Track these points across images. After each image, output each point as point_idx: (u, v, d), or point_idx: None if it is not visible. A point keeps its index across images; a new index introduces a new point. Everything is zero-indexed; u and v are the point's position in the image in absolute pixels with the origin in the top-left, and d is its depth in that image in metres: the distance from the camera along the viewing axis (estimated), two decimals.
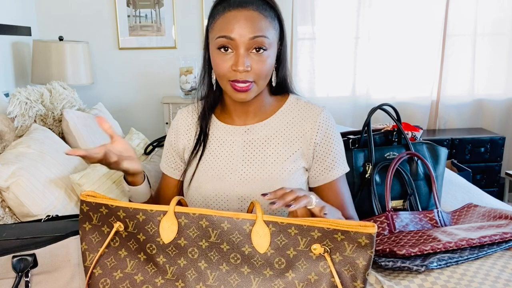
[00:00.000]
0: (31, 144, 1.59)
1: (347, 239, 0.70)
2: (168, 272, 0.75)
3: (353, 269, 0.70)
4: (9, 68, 2.50)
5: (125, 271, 0.77)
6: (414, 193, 1.49)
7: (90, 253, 0.80)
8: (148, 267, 0.76)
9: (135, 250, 0.78)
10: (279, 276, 0.72)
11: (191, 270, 0.74)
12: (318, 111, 1.06)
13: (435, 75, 3.29)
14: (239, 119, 1.08)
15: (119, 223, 0.78)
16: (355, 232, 0.69)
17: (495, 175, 3.19)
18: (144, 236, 0.76)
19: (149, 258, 0.77)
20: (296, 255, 0.72)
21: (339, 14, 3.15)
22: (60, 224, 1.05)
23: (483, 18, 3.18)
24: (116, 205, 0.77)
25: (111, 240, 0.80)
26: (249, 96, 0.97)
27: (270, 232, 0.72)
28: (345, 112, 3.28)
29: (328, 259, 0.71)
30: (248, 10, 0.93)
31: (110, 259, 0.79)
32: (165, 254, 0.75)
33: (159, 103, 3.15)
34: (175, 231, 0.75)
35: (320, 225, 0.70)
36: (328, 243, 0.71)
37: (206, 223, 0.74)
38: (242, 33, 0.92)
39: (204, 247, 0.74)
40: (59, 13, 2.96)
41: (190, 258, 0.75)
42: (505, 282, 1.10)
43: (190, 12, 3.08)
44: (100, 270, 0.79)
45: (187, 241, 0.75)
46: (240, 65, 0.92)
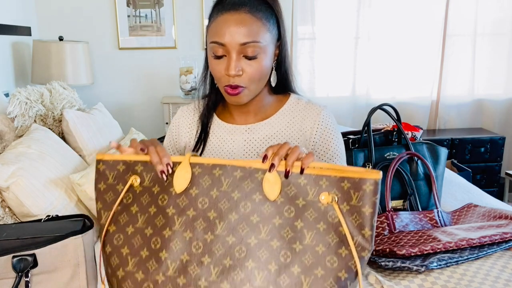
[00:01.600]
0: (31, 144, 1.59)
1: (353, 187, 0.71)
2: (176, 223, 0.75)
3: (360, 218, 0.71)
4: (9, 68, 2.50)
5: (136, 226, 0.78)
6: (414, 193, 1.49)
7: (104, 211, 0.82)
8: (157, 220, 0.77)
9: (147, 204, 0.79)
10: (288, 224, 0.73)
11: (199, 220, 0.75)
12: (319, 110, 1.06)
13: (435, 75, 3.29)
14: (240, 119, 1.08)
15: (135, 176, 0.80)
16: (360, 179, 0.70)
17: (495, 175, 3.19)
18: (159, 188, 0.78)
19: (158, 211, 0.77)
20: (305, 205, 0.73)
21: (339, 14, 3.14)
22: (60, 224, 1.05)
23: (483, 18, 3.18)
24: (135, 160, 0.80)
25: (125, 198, 0.81)
26: (241, 100, 0.98)
27: (281, 182, 0.74)
28: (345, 112, 3.28)
29: (336, 208, 0.72)
30: (240, 13, 0.92)
31: (122, 215, 0.80)
32: (175, 204, 0.76)
33: (159, 103, 3.15)
34: (188, 180, 0.76)
35: (328, 173, 0.72)
36: (336, 192, 0.72)
37: (219, 171, 0.76)
38: (233, 38, 0.91)
39: (214, 196, 0.75)
40: (59, 13, 2.96)
41: (199, 208, 0.75)
42: (505, 282, 1.10)
43: (190, 12, 3.08)
44: (114, 226, 0.80)
45: (198, 191, 0.76)
46: (231, 70, 0.92)
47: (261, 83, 0.99)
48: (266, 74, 0.98)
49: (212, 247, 0.73)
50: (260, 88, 1.00)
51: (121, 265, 0.77)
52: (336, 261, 0.70)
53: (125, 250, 0.77)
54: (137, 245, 0.77)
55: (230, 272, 0.71)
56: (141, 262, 0.75)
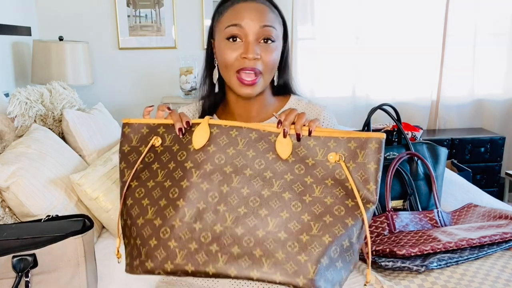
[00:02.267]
0: (31, 144, 1.59)
1: (359, 146, 0.79)
2: (194, 175, 0.80)
3: (365, 174, 0.78)
4: (9, 68, 2.50)
5: (156, 180, 0.83)
6: (414, 193, 1.49)
7: (127, 169, 0.87)
8: (175, 173, 0.82)
9: (167, 161, 0.84)
10: (298, 180, 0.79)
11: (216, 174, 0.80)
12: (319, 110, 1.06)
13: (435, 75, 3.29)
14: (241, 119, 1.07)
15: (157, 137, 0.85)
16: (366, 138, 0.78)
17: (495, 175, 3.19)
18: (178, 146, 0.84)
19: (177, 165, 0.82)
20: (315, 164, 0.80)
21: (339, 14, 3.14)
22: (60, 224, 1.05)
23: (483, 18, 3.18)
24: (158, 123, 0.86)
25: (147, 157, 0.86)
26: (255, 91, 0.97)
27: (293, 143, 0.81)
28: (345, 112, 3.28)
29: (343, 166, 0.79)
30: (258, 3, 0.97)
31: (144, 172, 0.85)
32: (193, 159, 0.81)
33: (159, 103, 3.14)
34: (207, 138, 0.82)
35: (336, 135, 0.80)
36: (343, 151, 0.79)
37: (236, 132, 0.82)
38: (252, 22, 0.93)
39: (231, 154, 0.81)
40: (59, 13, 2.96)
41: (216, 163, 0.81)
42: (505, 282, 1.10)
43: (190, 12, 3.08)
44: (136, 182, 0.85)
45: (215, 148, 0.82)
46: (250, 53, 0.93)
47: (272, 74, 1.00)
48: (276, 65, 1.00)
49: (228, 197, 0.79)
50: (270, 79, 1.01)
51: (141, 214, 0.81)
52: (344, 210, 0.77)
53: (145, 202, 0.82)
54: (156, 196, 0.82)
55: (244, 218, 0.77)
56: (160, 210, 0.80)
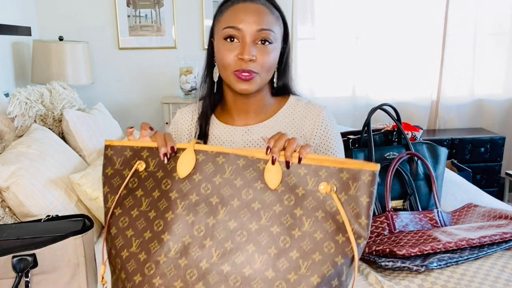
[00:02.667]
0: (31, 144, 1.59)
1: (352, 178, 0.74)
2: (179, 206, 0.77)
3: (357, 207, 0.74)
4: (9, 68, 2.50)
5: (141, 209, 0.80)
6: (414, 193, 1.49)
7: (111, 195, 0.84)
8: (160, 203, 0.79)
9: (151, 188, 0.81)
10: (288, 212, 0.75)
11: (202, 205, 0.77)
12: (318, 110, 1.06)
13: (435, 75, 3.29)
14: (240, 119, 1.07)
15: (141, 161, 0.82)
16: (359, 170, 0.74)
17: (495, 175, 3.19)
18: (163, 173, 0.80)
19: (162, 195, 0.79)
20: (305, 194, 0.76)
21: (339, 14, 3.14)
22: (60, 224, 1.05)
23: (483, 18, 3.18)
24: (141, 146, 0.83)
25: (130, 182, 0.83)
26: (252, 87, 0.97)
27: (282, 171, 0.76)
28: (345, 112, 3.28)
29: (334, 197, 0.74)
30: (257, 4, 0.96)
31: (128, 199, 0.82)
32: (178, 189, 0.78)
33: (159, 103, 3.15)
34: (192, 166, 0.78)
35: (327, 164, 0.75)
36: (335, 182, 0.75)
37: (223, 159, 0.78)
38: (250, 24, 0.94)
39: (217, 183, 0.77)
40: (59, 13, 2.96)
41: (202, 194, 0.77)
42: (505, 282, 1.10)
43: (190, 12, 3.08)
44: (120, 209, 0.82)
45: (201, 177, 0.78)
46: (246, 54, 0.93)
47: (269, 75, 1.00)
48: (274, 65, 1.00)
49: (214, 231, 0.75)
50: (267, 79, 1.01)
51: (126, 246, 0.78)
52: (333, 247, 0.73)
53: (129, 232, 0.79)
54: (141, 227, 0.79)
55: (231, 254, 0.73)
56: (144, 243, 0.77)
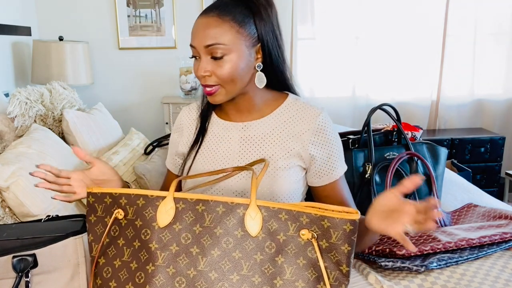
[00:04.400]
0: (31, 144, 1.59)
1: (333, 226, 0.73)
2: (159, 258, 0.76)
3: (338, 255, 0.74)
4: (9, 68, 2.50)
5: (123, 259, 0.80)
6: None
7: (95, 243, 0.84)
8: (141, 254, 0.78)
9: (131, 238, 0.80)
10: (269, 260, 0.75)
11: (182, 256, 0.76)
12: (316, 113, 1.06)
13: (435, 75, 3.29)
14: (236, 116, 1.10)
15: (120, 210, 0.81)
16: (340, 219, 0.73)
17: (495, 175, 3.19)
18: (141, 222, 0.79)
19: (142, 245, 0.78)
20: (286, 240, 0.75)
21: (339, 14, 3.14)
22: (60, 224, 1.05)
23: (483, 18, 3.18)
24: (119, 193, 0.82)
25: (112, 230, 0.82)
26: (216, 99, 1.01)
27: (262, 217, 0.75)
28: (345, 112, 3.27)
29: (315, 245, 0.74)
30: (208, 17, 0.97)
31: (111, 248, 0.82)
32: (158, 239, 0.77)
33: (159, 103, 3.15)
34: (172, 216, 0.78)
35: (308, 211, 0.74)
36: (316, 229, 0.74)
37: (202, 207, 0.77)
38: (199, 41, 0.97)
39: (197, 232, 0.77)
40: (59, 13, 2.96)
41: (182, 244, 0.77)
42: (505, 282, 1.10)
43: (190, 12, 3.08)
44: (104, 259, 0.82)
45: (181, 226, 0.77)
46: (199, 71, 0.98)
47: (237, 84, 1.00)
48: (239, 75, 0.99)
49: (195, 282, 0.75)
50: (238, 88, 1.01)
51: None
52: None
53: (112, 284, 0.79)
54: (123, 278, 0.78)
55: None
56: None
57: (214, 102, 1.02)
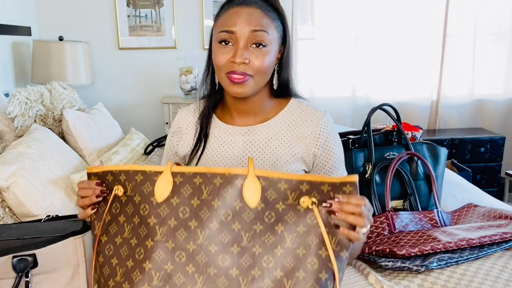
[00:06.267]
0: (31, 144, 1.59)
1: (333, 189, 0.74)
2: (158, 233, 0.76)
3: None
4: (9, 68, 2.50)
5: (123, 236, 0.79)
6: (414, 193, 1.49)
7: (98, 222, 0.83)
8: (140, 230, 0.78)
9: (131, 214, 0.80)
10: (268, 230, 0.74)
11: (181, 230, 0.75)
12: (320, 116, 1.05)
13: (435, 75, 3.29)
14: (240, 120, 1.08)
15: (120, 186, 0.81)
16: (340, 182, 0.73)
17: (495, 175, 3.19)
18: (140, 197, 0.79)
19: (141, 221, 0.78)
20: (285, 209, 0.75)
21: (339, 14, 3.14)
22: (60, 224, 1.05)
23: (483, 18, 3.18)
24: (119, 170, 0.81)
25: (113, 208, 0.82)
26: (245, 90, 0.97)
27: (261, 187, 0.75)
28: (345, 112, 3.27)
29: (315, 211, 0.74)
30: (251, 8, 0.96)
31: (112, 225, 0.81)
32: (156, 214, 0.77)
33: (159, 103, 3.15)
34: (170, 190, 0.77)
35: (309, 179, 0.74)
36: (316, 194, 0.74)
37: (200, 180, 0.76)
38: (243, 27, 0.94)
39: (195, 205, 0.76)
40: (59, 13, 2.96)
41: (181, 218, 0.76)
42: (505, 282, 1.10)
43: (190, 12, 3.08)
44: (106, 237, 0.81)
45: (179, 200, 0.76)
46: (238, 57, 0.94)
47: (264, 78, 0.99)
48: (270, 69, 0.99)
49: (195, 256, 0.74)
50: (263, 82, 1.00)
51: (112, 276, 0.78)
52: (317, 263, 0.73)
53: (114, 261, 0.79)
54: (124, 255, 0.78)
55: (215, 280, 0.73)
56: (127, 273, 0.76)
57: (239, 94, 0.97)
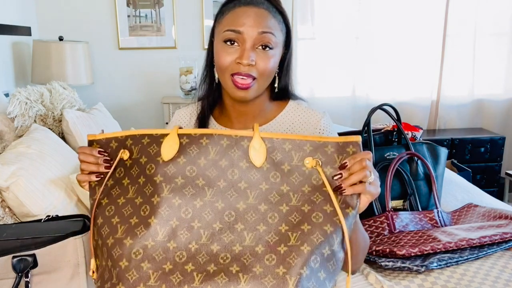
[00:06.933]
0: (31, 144, 1.59)
1: (337, 151, 0.76)
2: (165, 190, 0.76)
3: None
4: (9, 68, 2.50)
5: (127, 197, 0.80)
6: (414, 193, 1.49)
7: (99, 187, 0.83)
8: (146, 189, 0.78)
9: (136, 175, 0.80)
10: (274, 189, 0.77)
11: (188, 188, 0.76)
12: (318, 117, 1.04)
13: (435, 75, 3.29)
14: (238, 123, 1.06)
15: (125, 150, 0.82)
16: (343, 142, 0.76)
17: (495, 175, 3.19)
18: (146, 158, 0.80)
19: (147, 180, 0.79)
20: (290, 170, 0.77)
21: (339, 14, 3.14)
22: (60, 224, 1.05)
23: (483, 18, 3.18)
24: (125, 135, 0.83)
25: (117, 172, 0.82)
26: (249, 95, 0.95)
27: (266, 148, 0.77)
28: (345, 112, 3.27)
29: (320, 171, 0.76)
30: (259, 8, 0.94)
31: (115, 188, 0.82)
32: (162, 172, 0.77)
33: (159, 103, 3.15)
34: (176, 149, 0.78)
35: (312, 139, 0.77)
36: (320, 156, 0.76)
37: (207, 140, 0.78)
38: (251, 28, 0.92)
39: (202, 164, 0.77)
40: (59, 13, 2.96)
41: (188, 176, 0.77)
42: (505, 282, 1.10)
43: (190, 12, 3.08)
44: (107, 199, 0.81)
45: (186, 159, 0.78)
46: (245, 58, 0.92)
47: (267, 81, 0.98)
48: (273, 71, 0.98)
49: (202, 212, 0.76)
50: (266, 85, 0.99)
51: (111, 233, 0.78)
52: (322, 217, 0.74)
53: (115, 220, 0.79)
54: (127, 213, 0.78)
55: (220, 234, 0.74)
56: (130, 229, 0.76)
57: (243, 98, 0.96)
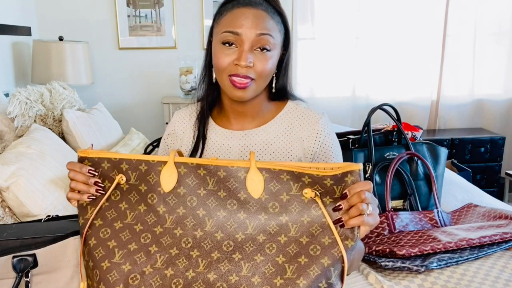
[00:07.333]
0: (31, 144, 1.59)
1: (336, 183, 0.74)
2: (168, 221, 0.79)
3: None
4: (9, 68, 2.50)
5: (125, 222, 0.81)
6: (414, 193, 1.49)
7: (91, 206, 0.83)
8: (148, 217, 0.80)
9: (136, 202, 0.81)
10: (273, 219, 0.77)
11: (189, 218, 0.78)
12: (317, 118, 1.04)
13: (435, 75, 3.29)
14: (237, 123, 1.06)
15: (121, 175, 0.81)
16: (342, 173, 0.74)
17: (495, 175, 3.19)
18: (146, 187, 0.80)
19: (149, 209, 0.80)
20: (289, 199, 0.77)
21: (339, 14, 3.14)
22: (60, 224, 1.05)
23: (483, 18, 3.18)
24: (120, 158, 0.82)
25: (112, 194, 0.83)
26: (246, 95, 0.96)
27: (264, 178, 0.77)
28: (345, 112, 3.27)
29: (319, 202, 0.75)
30: (257, 9, 0.94)
31: (110, 211, 0.82)
32: (165, 203, 0.79)
33: (159, 103, 3.15)
34: (175, 180, 0.79)
35: (310, 172, 0.75)
36: (319, 188, 0.75)
37: (204, 171, 0.79)
38: (249, 30, 0.92)
39: (202, 195, 0.79)
40: (59, 13, 2.96)
41: (189, 207, 0.79)
42: (505, 282, 1.10)
43: (190, 12, 3.08)
44: (101, 221, 0.82)
45: (186, 190, 0.79)
46: (242, 60, 0.92)
47: (265, 82, 0.98)
48: (271, 73, 0.98)
49: (201, 242, 0.77)
50: (264, 86, 0.99)
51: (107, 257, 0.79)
52: (319, 249, 0.74)
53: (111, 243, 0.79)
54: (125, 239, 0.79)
55: (217, 263, 0.75)
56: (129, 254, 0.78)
57: (240, 98, 0.96)
